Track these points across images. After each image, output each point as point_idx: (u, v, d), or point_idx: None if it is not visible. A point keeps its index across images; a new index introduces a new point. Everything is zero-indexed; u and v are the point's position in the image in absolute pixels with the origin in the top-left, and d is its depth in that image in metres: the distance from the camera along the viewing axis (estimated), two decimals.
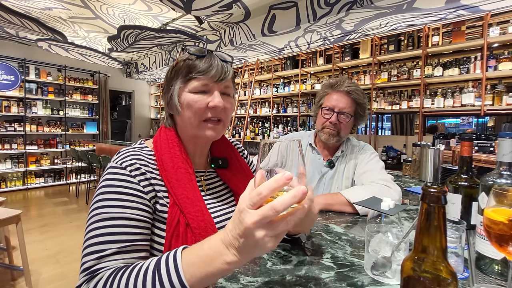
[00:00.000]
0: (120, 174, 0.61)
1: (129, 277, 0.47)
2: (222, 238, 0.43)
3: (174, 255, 0.47)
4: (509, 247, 0.42)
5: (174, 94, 0.69)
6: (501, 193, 0.45)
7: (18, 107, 5.28)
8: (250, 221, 0.38)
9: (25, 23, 3.35)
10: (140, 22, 4.24)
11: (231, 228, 0.42)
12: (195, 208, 0.63)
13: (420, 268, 0.37)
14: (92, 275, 0.50)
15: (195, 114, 0.67)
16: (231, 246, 0.42)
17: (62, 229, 3.42)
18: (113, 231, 0.54)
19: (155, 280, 0.45)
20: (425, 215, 0.37)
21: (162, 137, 0.72)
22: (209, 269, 0.43)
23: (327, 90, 1.28)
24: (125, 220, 0.56)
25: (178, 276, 0.44)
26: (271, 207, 0.38)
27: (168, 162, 0.66)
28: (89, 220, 0.56)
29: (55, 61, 5.71)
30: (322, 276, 0.58)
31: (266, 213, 0.38)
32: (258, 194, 0.39)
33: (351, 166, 1.27)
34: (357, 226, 0.90)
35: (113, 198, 0.57)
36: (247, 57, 4.91)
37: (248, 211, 0.39)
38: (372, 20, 3.14)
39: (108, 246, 0.53)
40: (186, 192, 0.64)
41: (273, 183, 0.38)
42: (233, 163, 0.81)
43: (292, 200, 0.38)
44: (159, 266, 0.47)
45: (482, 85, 2.99)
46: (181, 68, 0.68)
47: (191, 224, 0.61)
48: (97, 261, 0.51)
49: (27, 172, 5.45)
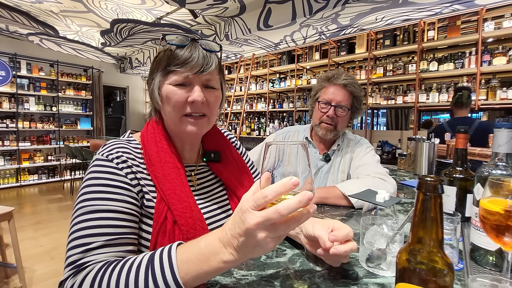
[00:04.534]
0: (106, 166, 0.59)
1: (121, 271, 0.46)
2: (220, 237, 0.43)
3: (169, 251, 0.46)
4: (505, 237, 0.42)
5: (155, 88, 0.66)
6: (497, 183, 0.44)
7: (9, 103, 5.19)
8: (253, 222, 0.38)
9: (15, 16, 3.28)
10: (133, 16, 4.17)
11: (231, 226, 0.42)
12: (182, 204, 0.61)
13: (415, 259, 0.36)
14: (78, 269, 0.48)
15: (174, 108, 0.64)
16: (229, 245, 0.42)
17: (56, 226, 3.39)
18: (99, 224, 0.52)
19: (148, 276, 0.44)
20: (421, 205, 0.36)
21: (149, 130, 0.69)
22: (204, 267, 0.43)
23: (324, 83, 1.26)
24: (111, 213, 0.54)
25: (173, 273, 0.43)
26: (275, 210, 0.38)
27: (155, 157, 0.64)
28: (74, 213, 0.55)
29: (47, 56, 5.60)
30: (316, 269, 0.57)
31: (269, 216, 0.38)
32: (263, 197, 0.38)
33: (347, 160, 1.27)
34: (352, 219, 0.90)
35: (99, 190, 0.55)
36: (242, 52, 4.87)
37: (251, 212, 0.39)
38: (368, 15, 3.13)
39: (94, 239, 0.51)
40: (173, 187, 0.62)
41: (280, 187, 0.38)
42: (226, 156, 0.78)
43: (298, 205, 0.38)
44: (153, 261, 0.45)
45: (476, 80, 3.01)
46: (161, 58, 0.64)
47: (178, 221, 0.59)
48: (82, 255, 0.50)
49: (20, 169, 5.38)
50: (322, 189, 1.06)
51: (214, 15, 3.91)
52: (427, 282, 0.35)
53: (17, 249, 2.04)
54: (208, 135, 0.77)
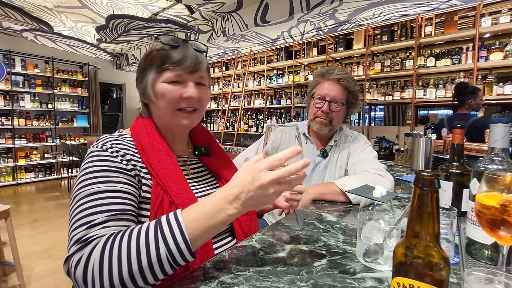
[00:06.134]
0: (102, 155, 0.60)
1: (130, 236, 0.48)
2: (225, 195, 0.50)
3: (175, 214, 0.51)
4: (500, 231, 0.42)
5: (148, 85, 0.69)
6: (493, 178, 0.44)
7: (4, 100, 5.13)
8: (268, 179, 0.48)
9: (8, 12, 3.22)
10: (129, 11, 4.12)
11: (238, 184, 0.50)
12: (178, 186, 0.64)
13: (412, 254, 0.37)
14: (84, 243, 0.49)
15: (169, 104, 0.68)
16: (234, 201, 0.50)
17: (54, 224, 3.38)
18: (101, 203, 0.54)
19: (158, 237, 0.48)
20: (418, 200, 0.36)
21: (139, 124, 0.72)
22: (211, 221, 0.50)
23: (318, 79, 1.27)
24: (111, 192, 0.56)
25: (181, 231, 0.48)
26: (287, 170, 0.48)
27: (148, 146, 0.67)
28: (74, 199, 0.55)
29: (42, 53, 5.53)
30: (314, 264, 0.57)
31: (281, 174, 0.48)
32: (278, 159, 0.49)
33: (345, 156, 1.27)
34: (349, 214, 0.91)
35: (97, 176, 0.57)
36: (240, 48, 4.84)
37: (265, 171, 0.48)
38: (366, 10, 3.11)
39: (97, 216, 0.52)
40: (168, 172, 0.65)
41: (290, 153, 0.49)
42: (214, 151, 0.85)
43: (302, 166, 0.49)
44: (160, 224, 0.49)
45: (473, 76, 3.02)
46: (154, 58, 0.67)
47: (175, 201, 0.62)
48: (87, 231, 0.50)
49: (16, 167, 5.34)
50: (320, 185, 1.06)
51: (211, 11, 3.88)
52: (423, 276, 0.35)
53: (14, 247, 2.03)
54: (196, 131, 0.84)
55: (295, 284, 0.50)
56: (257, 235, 0.72)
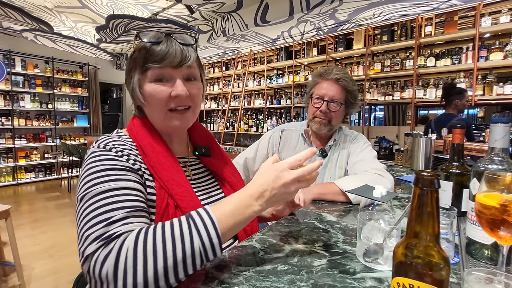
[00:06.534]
0: (106, 155, 0.58)
1: (164, 229, 0.48)
2: (251, 193, 0.54)
3: (205, 209, 0.52)
4: (500, 231, 0.42)
5: (135, 86, 0.66)
6: (493, 178, 0.44)
7: (4, 100, 5.13)
8: (290, 178, 0.53)
9: (8, 12, 3.22)
10: (129, 11, 4.12)
11: (263, 183, 0.54)
12: (181, 189, 0.63)
13: (412, 254, 0.37)
14: (108, 240, 0.47)
15: (158, 105, 0.65)
16: (259, 198, 0.53)
17: (54, 224, 3.38)
18: (117, 200, 0.52)
19: (192, 230, 0.49)
20: (418, 200, 0.36)
21: (135, 124, 0.69)
22: (239, 218, 0.53)
23: (317, 79, 1.27)
24: (125, 190, 0.54)
25: (214, 227, 0.50)
26: (307, 169, 0.54)
27: (148, 147, 0.65)
28: (82, 200, 0.52)
29: (42, 53, 5.53)
30: (314, 264, 0.57)
31: (302, 173, 0.54)
32: (298, 160, 0.55)
33: (344, 156, 1.27)
34: (349, 214, 0.91)
35: (104, 175, 0.55)
36: (240, 48, 4.85)
37: (288, 171, 0.53)
38: (366, 10, 3.11)
39: (115, 213, 0.50)
40: (170, 174, 0.64)
41: (307, 154, 0.55)
42: (215, 151, 0.83)
43: (317, 166, 0.55)
44: (193, 218, 0.51)
45: (473, 76, 3.01)
46: (137, 57, 0.64)
47: (180, 205, 0.61)
48: (106, 228, 0.48)
49: (16, 167, 5.34)
50: (320, 186, 1.06)
51: (211, 11, 3.88)
52: (423, 276, 0.35)
53: (14, 247, 2.03)
54: (195, 131, 0.82)
55: (295, 284, 0.50)
56: (257, 235, 0.72)
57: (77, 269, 0.82)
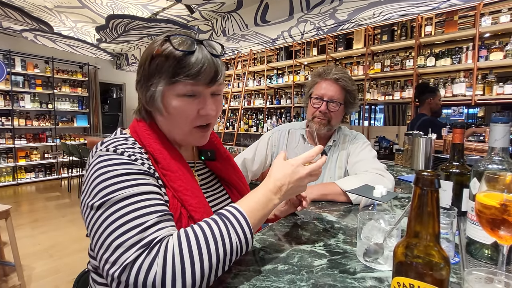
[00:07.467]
0: (119, 159, 0.54)
1: (203, 230, 0.49)
2: (271, 188, 0.58)
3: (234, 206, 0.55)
4: (500, 231, 0.42)
5: (157, 96, 0.60)
6: (493, 177, 0.44)
7: (4, 100, 5.13)
8: (305, 172, 0.59)
9: (8, 12, 3.22)
10: (129, 11, 4.12)
11: (280, 178, 0.58)
12: (196, 199, 0.61)
13: (412, 253, 0.37)
14: (149, 246, 0.45)
15: (184, 121, 0.62)
16: (278, 192, 0.58)
17: (54, 224, 3.38)
18: (144, 205, 0.49)
19: (228, 228, 0.51)
20: (418, 200, 0.36)
21: (141, 128, 0.64)
22: (264, 211, 0.57)
23: (316, 79, 1.27)
24: (149, 194, 0.52)
25: (246, 222, 0.53)
26: (318, 165, 0.60)
27: (158, 154, 0.61)
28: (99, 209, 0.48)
29: (42, 53, 5.53)
30: (314, 263, 0.58)
31: (314, 168, 0.60)
32: (310, 156, 0.60)
33: (344, 156, 1.27)
34: (350, 214, 0.91)
35: (125, 179, 0.51)
36: (240, 47, 4.84)
37: (303, 166, 0.59)
38: (366, 10, 3.11)
39: (147, 218, 0.48)
40: (184, 184, 0.61)
41: (317, 150, 0.61)
42: (220, 155, 0.80)
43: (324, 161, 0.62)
44: (226, 216, 0.53)
45: (473, 75, 3.01)
46: (164, 64, 0.57)
47: (194, 216, 0.59)
48: (142, 234, 0.46)
49: (16, 167, 5.34)
50: (321, 186, 1.06)
51: (211, 11, 3.87)
52: (423, 276, 0.35)
53: (15, 247, 2.03)
54: None
55: (295, 283, 0.50)
56: (257, 235, 0.72)
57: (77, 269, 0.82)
